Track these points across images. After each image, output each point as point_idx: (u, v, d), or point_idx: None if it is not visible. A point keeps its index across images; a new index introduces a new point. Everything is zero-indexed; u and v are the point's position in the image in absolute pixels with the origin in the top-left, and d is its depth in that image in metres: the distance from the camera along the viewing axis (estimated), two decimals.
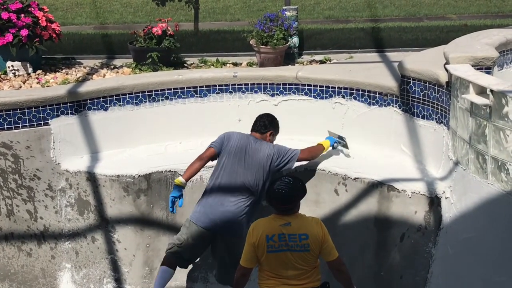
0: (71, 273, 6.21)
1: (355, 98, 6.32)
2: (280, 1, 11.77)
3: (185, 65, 7.35)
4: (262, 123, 5.77)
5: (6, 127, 5.98)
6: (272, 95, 6.63)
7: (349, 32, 9.52)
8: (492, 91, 4.63)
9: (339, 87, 6.40)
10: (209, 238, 5.54)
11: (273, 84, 6.60)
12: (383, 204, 5.68)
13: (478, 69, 5.23)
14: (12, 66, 6.94)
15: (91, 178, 6.09)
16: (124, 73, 7.05)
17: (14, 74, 6.92)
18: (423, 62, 5.91)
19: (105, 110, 6.36)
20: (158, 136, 6.56)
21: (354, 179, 5.83)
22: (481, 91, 4.84)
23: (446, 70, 5.39)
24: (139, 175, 6.06)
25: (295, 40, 7.34)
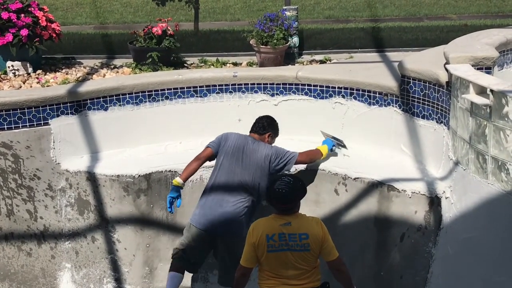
0: (71, 273, 6.21)
1: (355, 98, 6.32)
2: (280, 1, 11.76)
3: (185, 65, 7.34)
4: (261, 125, 5.77)
5: (6, 127, 5.98)
6: (272, 95, 6.62)
7: (349, 32, 9.52)
8: (492, 91, 4.63)
9: (339, 87, 6.40)
10: (210, 240, 5.53)
11: (273, 84, 6.60)
12: (383, 204, 5.68)
13: (478, 69, 5.22)
14: (12, 66, 6.94)
15: (91, 178, 6.09)
16: (124, 73, 7.05)
17: (14, 74, 6.92)
18: (423, 62, 5.91)
19: (105, 110, 6.36)
20: (158, 136, 6.56)
21: (354, 179, 5.82)
22: (481, 91, 4.84)
23: (446, 70, 5.38)
24: (139, 175, 6.06)
25: (295, 40, 7.33)
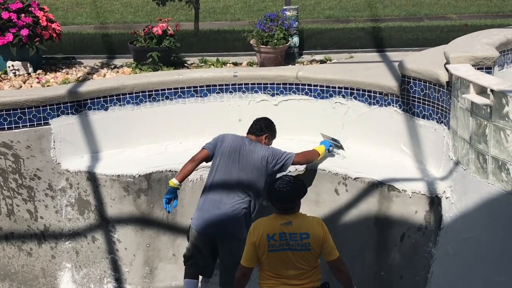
0: (72, 272, 6.21)
1: (355, 98, 6.32)
2: (281, 0, 11.76)
3: (185, 65, 7.34)
4: (258, 126, 5.73)
5: (6, 126, 5.98)
6: (273, 95, 6.62)
7: (349, 32, 9.52)
8: (492, 91, 4.63)
9: (339, 87, 6.39)
10: (212, 242, 5.52)
11: (273, 84, 6.60)
12: (384, 204, 5.68)
13: (478, 69, 5.22)
14: (12, 65, 6.94)
15: (92, 177, 6.09)
16: (125, 72, 7.05)
17: (14, 73, 6.92)
18: (423, 62, 5.90)
19: (105, 110, 6.36)
20: (158, 136, 6.56)
21: (355, 179, 5.82)
22: (481, 91, 4.84)
23: (447, 70, 5.38)
24: (140, 175, 6.06)
25: (295, 40, 7.33)
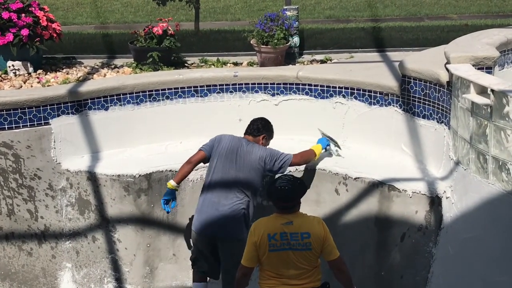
0: (72, 272, 6.21)
1: (355, 98, 6.32)
2: (281, 0, 11.76)
3: (185, 64, 7.34)
4: (255, 127, 5.70)
5: (6, 126, 5.98)
6: (273, 95, 6.62)
7: (349, 32, 9.52)
8: (493, 90, 4.63)
9: (339, 87, 6.39)
10: (212, 243, 5.50)
11: (273, 83, 6.60)
12: (384, 204, 5.68)
13: (479, 68, 5.22)
14: (12, 65, 6.93)
15: (92, 177, 6.09)
16: (125, 72, 7.05)
17: (14, 73, 6.92)
18: (423, 62, 5.90)
19: (105, 109, 6.36)
20: (158, 136, 6.56)
21: (355, 178, 5.82)
22: (482, 90, 4.84)
23: (447, 69, 5.38)
24: (140, 175, 6.07)
25: (295, 39, 7.33)
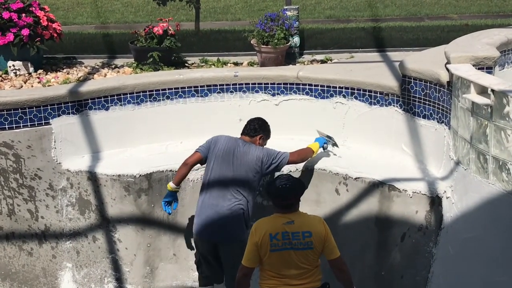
0: (72, 272, 6.21)
1: (356, 98, 6.32)
2: (281, 0, 11.76)
3: (186, 64, 7.34)
4: (252, 127, 5.64)
5: (7, 126, 5.98)
6: (273, 95, 6.63)
7: (350, 32, 9.52)
8: (493, 90, 4.63)
9: (340, 87, 6.40)
10: (215, 247, 5.48)
11: (274, 83, 6.60)
12: (384, 204, 5.68)
13: (479, 68, 5.22)
14: (13, 65, 6.94)
15: (92, 177, 6.10)
16: (125, 72, 7.05)
17: (15, 73, 6.92)
18: (424, 62, 5.90)
19: (106, 109, 6.37)
20: (159, 136, 6.56)
21: (355, 178, 5.83)
22: (482, 90, 4.84)
23: (447, 69, 5.38)
24: (140, 175, 6.07)
25: (296, 39, 7.33)
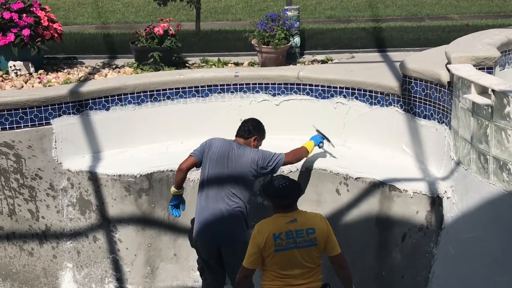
0: (73, 272, 6.21)
1: (356, 98, 6.32)
2: (282, 1, 11.76)
3: (186, 65, 7.34)
4: (246, 128, 5.57)
5: (8, 126, 5.98)
6: (274, 95, 6.63)
7: (350, 32, 9.52)
8: (493, 91, 4.63)
9: (340, 87, 6.40)
10: (217, 252, 5.46)
11: (274, 84, 6.60)
12: (385, 204, 5.68)
13: (479, 69, 5.22)
14: (14, 65, 6.94)
15: (93, 177, 6.10)
16: (126, 73, 7.05)
17: (16, 73, 6.93)
18: (424, 62, 5.90)
19: (106, 110, 6.37)
20: (159, 136, 6.56)
21: (356, 179, 5.83)
22: (482, 91, 4.84)
23: (448, 70, 5.38)
24: (141, 175, 6.07)
25: (296, 40, 7.33)
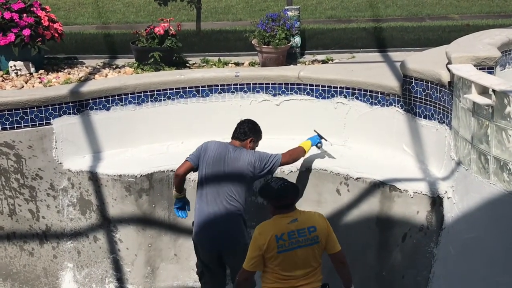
0: (73, 272, 6.21)
1: (357, 98, 6.32)
2: (282, 1, 11.76)
3: (187, 65, 7.34)
4: (242, 131, 5.52)
5: (8, 126, 5.98)
6: (274, 95, 6.62)
7: (351, 32, 9.52)
8: (494, 91, 4.63)
9: (341, 87, 6.39)
10: (218, 256, 5.45)
11: (275, 84, 6.60)
12: (385, 204, 5.68)
13: (480, 69, 5.22)
14: (14, 65, 6.95)
15: (93, 177, 6.10)
16: (126, 73, 7.05)
17: (16, 73, 6.93)
18: (425, 62, 5.90)
19: (107, 110, 6.37)
20: (160, 136, 6.56)
21: (356, 179, 5.82)
22: (483, 91, 4.84)
23: (448, 70, 5.38)
24: (141, 175, 6.07)
25: (297, 40, 7.33)
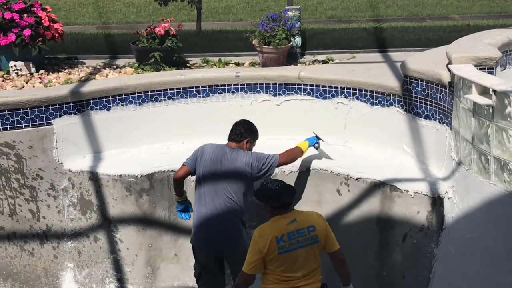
0: (74, 272, 6.21)
1: (357, 98, 6.32)
2: (283, 1, 11.76)
3: (187, 65, 7.35)
4: (238, 132, 5.46)
5: (9, 126, 5.99)
6: (275, 95, 6.62)
7: (351, 32, 9.52)
8: (494, 91, 4.63)
9: (341, 87, 6.39)
10: (218, 257, 5.45)
11: (275, 84, 6.60)
12: (386, 204, 5.68)
13: (480, 69, 5.22)
14: (15, 66, 6.95)
15: (94, 177, 6.10)
16: (127, 73, 7.06)
17: (17, 74, 6.93)
18: (425, 62, 5.90)
19: (107, 110, 6.37)
20: (160, 136, 6.56)
21: (357, 179, 5.83)
22: (483, 91, 4.84)
23: (449, 70, 5.38)
24: (142, 175, 6.07)
25: (297, 40, 7.34)
